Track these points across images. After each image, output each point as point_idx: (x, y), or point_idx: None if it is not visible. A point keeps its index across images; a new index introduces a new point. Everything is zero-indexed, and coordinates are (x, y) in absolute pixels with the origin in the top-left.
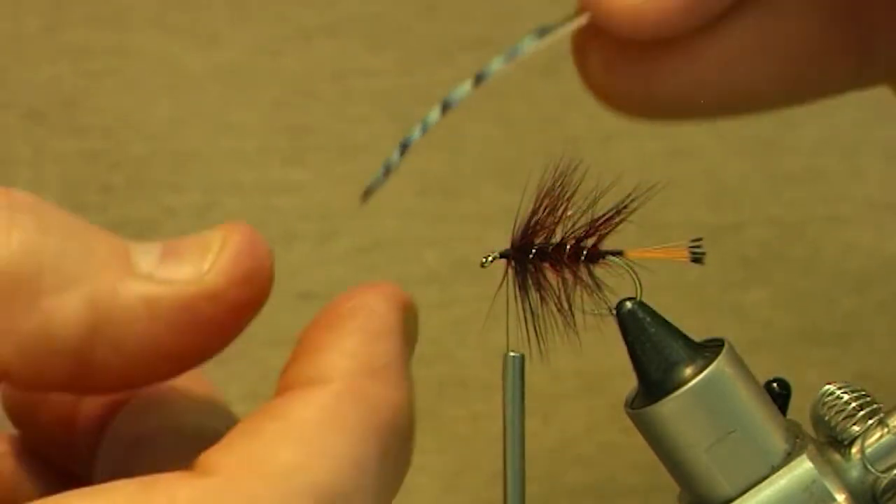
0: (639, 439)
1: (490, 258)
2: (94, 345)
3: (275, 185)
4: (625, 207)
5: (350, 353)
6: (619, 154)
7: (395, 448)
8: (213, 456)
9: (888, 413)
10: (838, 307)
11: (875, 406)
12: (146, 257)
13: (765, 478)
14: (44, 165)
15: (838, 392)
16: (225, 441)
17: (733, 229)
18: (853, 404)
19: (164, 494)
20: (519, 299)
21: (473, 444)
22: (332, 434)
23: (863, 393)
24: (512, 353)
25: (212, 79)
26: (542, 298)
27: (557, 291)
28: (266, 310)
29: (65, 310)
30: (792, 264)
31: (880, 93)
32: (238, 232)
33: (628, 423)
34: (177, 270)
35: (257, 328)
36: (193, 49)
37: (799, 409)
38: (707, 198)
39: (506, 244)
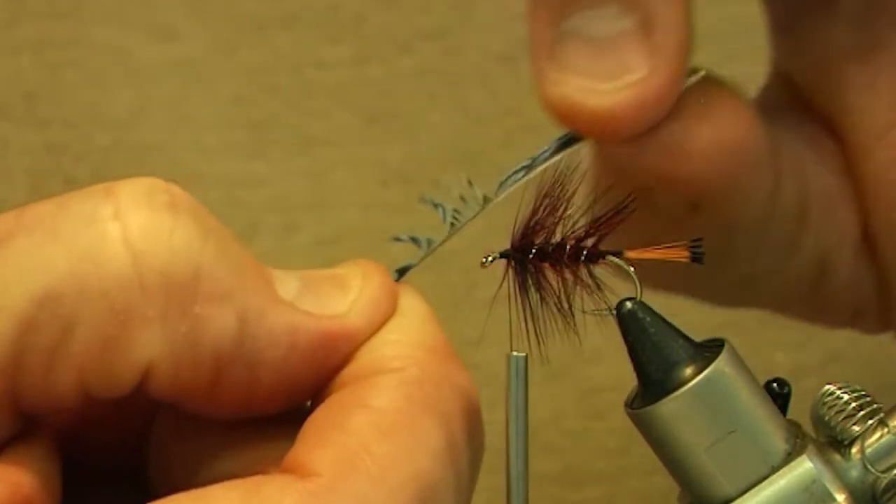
0: (605, 425)
1: (490, 258)
2: (234, 361)
3: (237, 178)
4: (625, 207)
5: (412, 342)
6: None
7: (474, 431)
8: (307, 454)
9: (888, 413)
10: None
11: (875, 406)
12: (286, 286)
13: (765, 478)
14: (10, 158)
15: (838, 392)
16: (314, 436)
17: None
18: (853, 404)
19: (271, 502)
20: (519, 299)
21: None
22: (422, 422)
23: (863, 393)
24: (515, 353)
25: (170, 72)
26: (542, 298)
27: (557, 291)
28: None
29: (216, 320)
30: None
31: None
32: (376, 275)
33: (594, 409)
34: (318, 304)
35: None
36: (151, 42)
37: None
38: None
39: (468, 233)
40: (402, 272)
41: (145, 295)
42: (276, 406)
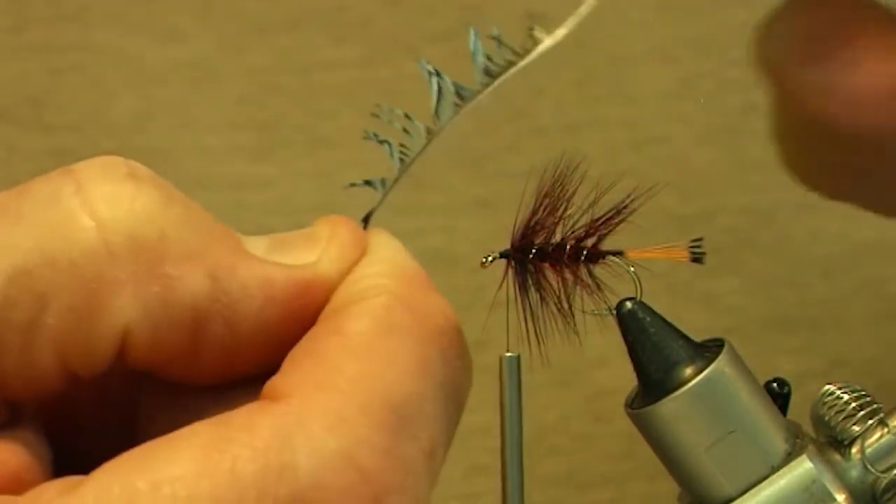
0: (611, 429)
1: (490, 258)
2: (210, 319)
3: (243, 180)
4: (625, 207)
5: (384, 272)
6: (586, 144)
7: (452, 352)
8: (280, 381)
9: (888, 413)
10: (809, 294)
11: (875, 406)
12: (256, 244)
13: (765, 478)
14: (15, 164)
15: (838, 392)
16: (288, 365)
17: (702, 217)
18: (853, 404)
19: (244, 429)
20: (519, 299)
21: None
22: (392, 341)
23: (863, 393)
24: (508, 354)
25: (176, 74)
26: (542, 298)
27: (557, 291)
28: None
29: (187, 279)
30: (761, 251)
31: None
32: (344, 225)
33: (600, 413)
34: (289, 257)
35: None
36: (157, 45)
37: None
38: (674, 186)
39: (475, 235)
40: (366, 219)
41: (113, 260)
42: (259, 364)
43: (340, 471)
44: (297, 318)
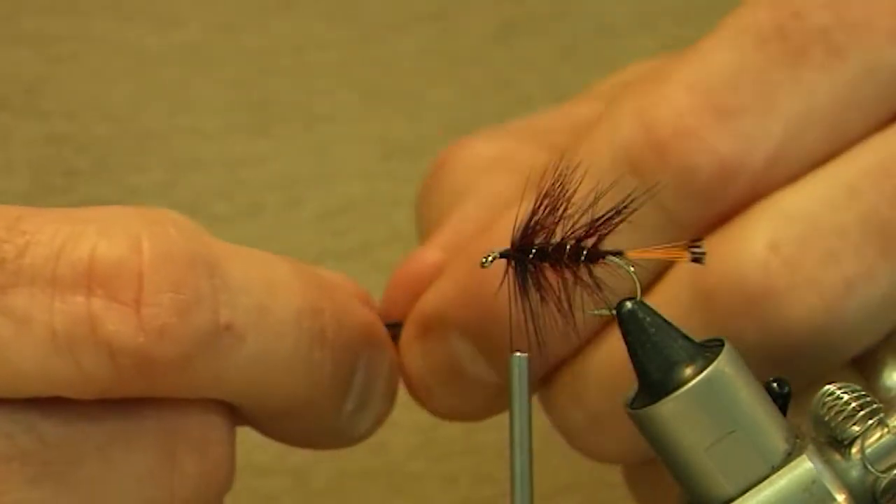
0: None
1: (490, 258)
2: None
3: (238, 158)
4: (625, 207)
5: None
6: None
7: None
8: None
9: (888, 413)
10: None
11: (875, 406)
12: None
13: (765, 478)
14: (11, 150)
15: (838, 392)
16: None
17: None
18: (853, 404)
19: None
20: (519, 299)
21: None
22: None
23: (863, 393)
24: (518, 354)
25: (171, 59)
26: (542, 298)
27: (557, 291)
28: None
29: None
30: None
31: None
32: None
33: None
34: None
35: None
36: (152, 30)
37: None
38: None
39: None
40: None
41: None
42: None
43: None
44: None
